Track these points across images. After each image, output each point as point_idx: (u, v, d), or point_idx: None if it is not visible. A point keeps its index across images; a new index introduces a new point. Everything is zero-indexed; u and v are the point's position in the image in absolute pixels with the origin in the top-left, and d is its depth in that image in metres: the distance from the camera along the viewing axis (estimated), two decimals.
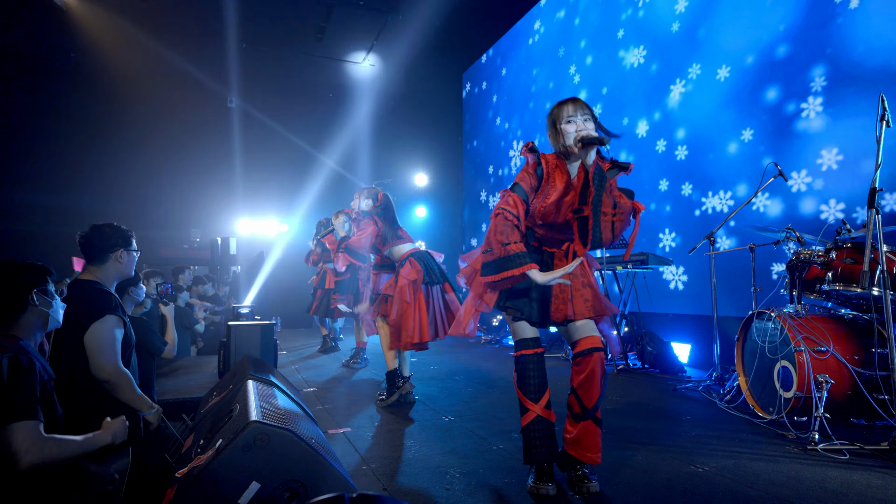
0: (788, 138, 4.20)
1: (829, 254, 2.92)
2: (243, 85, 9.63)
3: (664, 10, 5.48)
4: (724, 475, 2.07)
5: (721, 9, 4.86)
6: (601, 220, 1.78)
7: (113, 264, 2.18)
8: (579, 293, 1.97)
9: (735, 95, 4.66)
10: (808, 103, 4.05)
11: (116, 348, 2.04)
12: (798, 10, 4.18)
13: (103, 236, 2.16)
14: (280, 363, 4.93)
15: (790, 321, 2.81)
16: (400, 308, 3.24)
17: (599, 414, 1.93)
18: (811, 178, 4.01)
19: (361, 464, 2.22)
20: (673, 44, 5.35)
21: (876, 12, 3.66)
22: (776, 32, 4.33)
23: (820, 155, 3.95)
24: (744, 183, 4.54)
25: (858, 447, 2.33)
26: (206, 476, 1.28)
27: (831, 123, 3.91)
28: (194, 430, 1.97)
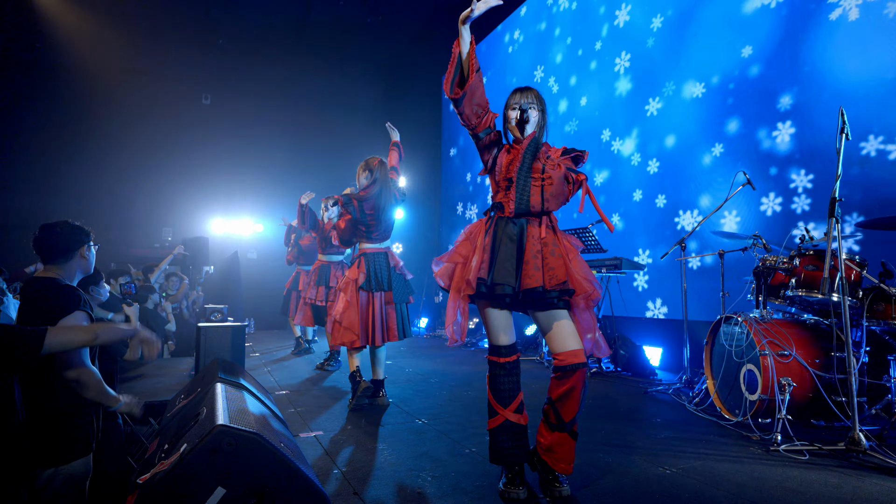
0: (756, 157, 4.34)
1: (793, 261, 3.01)
2: (218, 82, 9.46)
3: (642, 22, 5.61)
4: (692, 476, 2.11)
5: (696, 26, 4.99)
6: (530, 184, 1.91)
7: (78, 261, 2.13)
8: (548, 262, 1.91)
9: (706, 112, 4.78)
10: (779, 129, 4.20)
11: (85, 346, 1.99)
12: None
13: (65, 234, 2.10)
14: (252, 365, 4.85)
15: (756, 326, 2.89)
16: (342, 305, 3.28)
17: (576, 427, 1.94)
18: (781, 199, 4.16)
19: (332, 468, 2.19)
20: (651, 58, 5.47)
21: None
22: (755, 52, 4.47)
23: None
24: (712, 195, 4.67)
25: (818, 447, 2.41)
26: (168, 482, 1.25)
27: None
28: (159, 435, 1.92)
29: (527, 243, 1.92)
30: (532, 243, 1.92)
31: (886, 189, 3.47)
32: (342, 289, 3.35)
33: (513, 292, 1.89)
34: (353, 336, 3.24)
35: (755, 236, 3.38)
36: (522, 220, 1.95)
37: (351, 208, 3.32)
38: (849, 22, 3.75)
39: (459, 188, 9.43)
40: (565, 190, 1.92)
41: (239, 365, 2.92)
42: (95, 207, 8.16)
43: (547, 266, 1.89)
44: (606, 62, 6.05)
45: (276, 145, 9.71)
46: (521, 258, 1.91)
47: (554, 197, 1.91)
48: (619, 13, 5.89)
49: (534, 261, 1.89)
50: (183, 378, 3.64)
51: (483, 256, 1.94)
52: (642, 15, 5.59)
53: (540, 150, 1.95)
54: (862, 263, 2.83)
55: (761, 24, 4.36)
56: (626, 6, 5.80)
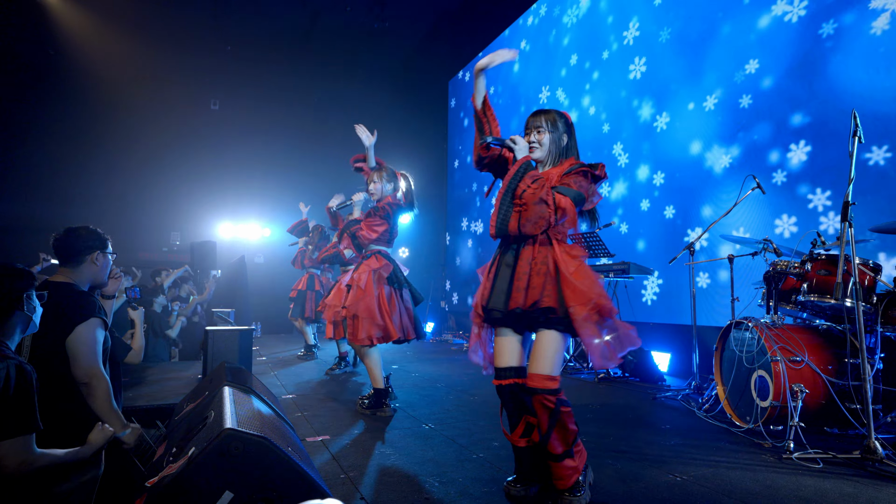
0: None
1: (805, 265, 2.98)
2: (227, 88, 9.54)
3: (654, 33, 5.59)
4: (702, 484, 2.08)
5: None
6: (511, 210, 1.91)
7: (89, 266, 2.15)
8: (532, 282, 1.89)
9: (719, 124, 4.76)
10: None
11: (98, 350, 2.01)
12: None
13: (80, 238, 2.13)
14: (259, 369, 4.85)
15: (767, 331, 2.85)
16: (355, 296, 3.19)
17: (568, 452, 1.84)
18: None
19: (339, 472, 2.18)
20: (656, 76, 5.46)
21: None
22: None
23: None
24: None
25: (831, 456, 2.37)
26: (176, 485, 1.25)
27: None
28: (167, 438, 1.92)
29: (518, 266, 1.94)
30: (522, 265, 1.93)
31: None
32: (361, 284, 3.21)
33: (501, 315, 1.91)
34: (382, 330, 3.17)
35: (765, 240, 3.35)
36: (519, 244, 1.97)
37: (392, 215, 3.42)
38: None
39: (464, 197, 9.42)
40: (544, 214, 1.85)
41: (246, 369, 2.92)
42: (105, 211, 8.23)
43: (530, 286, 1.88)
44: (621, 72, 6.04)
45: (283, 150, 9.77)
46: (512, 281, 1.93)
47: (531, 222, 1.87)
48: (628, 33, 5.89)
49: (518, 283, 1.91)
50: (189, 382, 3.65)
51: (486, 284, 2.01)
52: (651, 30, 5.58)
53: (528, 174, 1.90)
54: (876, 268, 2.79)
55: (775, 39, 4.34)
56: (634, 23, 5.78)
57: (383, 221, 3.39)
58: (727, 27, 4.72)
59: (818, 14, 4.03)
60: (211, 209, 9.37)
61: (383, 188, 3.46)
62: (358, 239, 3.39)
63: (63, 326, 1.95)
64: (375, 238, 3.39)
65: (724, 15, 4.76)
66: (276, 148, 9.73)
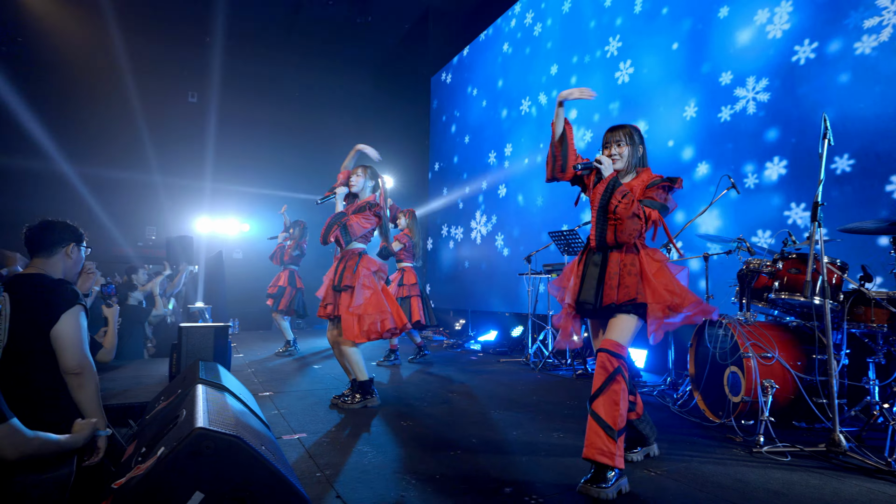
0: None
1: (776, 264, 3.05)
2: (205, 80, 9.35)
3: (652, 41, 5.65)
4: (675, 479, 2.12)
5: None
6: (607, 224, 2.19)
7: (62, 259, 2.10)
8: (627, 279, 2.16)
9: (697, 133, 4.83)
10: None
11: (86, 339, 1.97)
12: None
13: (55, 230, 2.10)
14: (237, 367, 4.78)
15: (739, 328, 2.92)
16: (361, 297, 3.26)
17: (611, 431, 1.97)
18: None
19: (315, 470, 2.16)
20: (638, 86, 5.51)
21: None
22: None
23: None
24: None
25: (799, 449, 2.44)
26: (144, 487, 1.22)
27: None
28: (137, 437, 1.88)
29: (608, 268, 2.21)
30: (612, 267, 2.21)
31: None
32: (365, 282, 3.36)
33: (592, 308, 2.21)
34: (397, 322, 3.42)
35: (739, 239, 3.42)
36: (606, 249, 2.24)
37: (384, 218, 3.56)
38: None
39: (443, 199, 9.40)
40: (637, 226, 2.13)
41: (222, 366, 2.88)
42: (77, 205, 8.02)
43: (622, 285, 2.16)
44: (602, 75, 6.08)
45: (263, 144, 9.63)
46: (602, 280, 2.21)
47: (626, 234, 2.14)
48: (609, 47, 5.94)
49: (610, 281, 2.19)
50: (163, 380, 3.58)
51: (576, 282, 2.31)
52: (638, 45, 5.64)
53: (617, 190, 2.16)
54: (843, 267, 2.87)
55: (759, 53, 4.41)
56: (616, 39, 5.82)
57: (376, 217, 3.43)
58: (711, 37, 4.79)
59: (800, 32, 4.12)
60: (188, 203, 9.19)
61: (364, 183, 3.49)
62: (349, 229, 3.36)
63: (45, 316, 1.88)
64: (364, 233, 3.41)
65: (703, 26, 4.82)
66: (256, 142, 9.59)
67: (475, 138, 8.54)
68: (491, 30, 8.35)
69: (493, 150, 7.97)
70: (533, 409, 3.32)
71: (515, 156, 7.42)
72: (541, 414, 3.20)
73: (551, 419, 3.08)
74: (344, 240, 3.39)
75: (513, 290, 7.09)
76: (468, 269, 8.41)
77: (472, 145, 8.64)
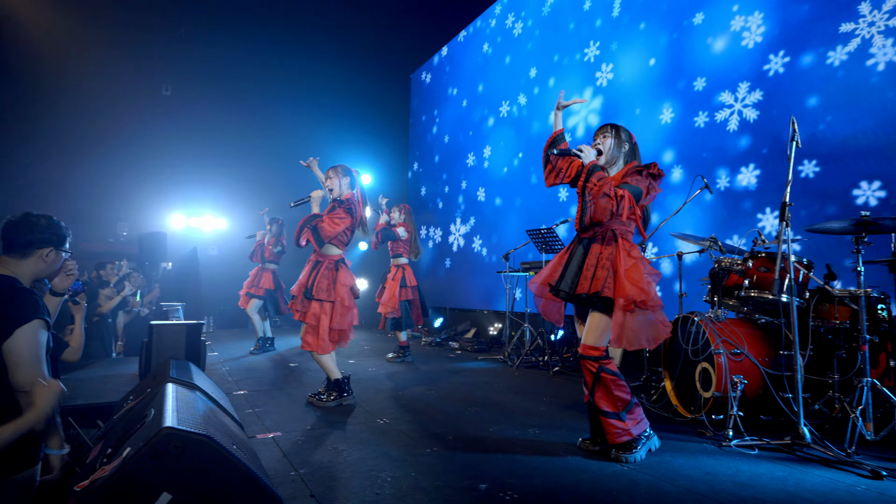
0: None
1: (747, 262, 3.12)
2: (180, 72, 9.13)
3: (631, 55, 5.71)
4: (647, 473, 2.16)
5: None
6: (586, 205, 2.33)
7: (36, 262, 1.92)
8: (599, 272, 2.33)
9: (672, 137, 4.92)
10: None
11: (42, 355, 1.81)
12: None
13: (36, 228, 1.90)
14: (211, 365, 4.70)
15: (711, 325, 2.98)
16: (341, 314, 3.25)
17: (617, 414, 2.32)
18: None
19: (289, 469, 2.14)
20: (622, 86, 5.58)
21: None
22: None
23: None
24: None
25: (766, 442, 2.51)
26: (108, 489, 1.19)
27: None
28: (103, 438, 1.82)
29: (587, 259, 2.38)
30: (591, 258, 2.37)
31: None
32: (340, 300, 3.34)
33: (566, 297, 2.42)
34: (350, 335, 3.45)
35: (711, 239, 3.49)
36: (590, 240, 2.42)
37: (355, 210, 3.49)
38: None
39: (422, 199, 9.37)
40: (608, 205, 2.26)
41: (194, 365, 2.82)
42: (45, 199, 7.75)
43: (595, 277, 2.32)
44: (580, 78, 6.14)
45: (239, 139, 9.45)
46: (580, 270, 2.38)
47: (599, 212, 2.29)
48: (589, 50, 6.00)
49: (586, 272, 2.35)
50: (132, 379, 3.49)
51: (557, 268, 2.51)
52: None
53: (594, 174, 2.31)
54: (809, 266, 2.96)
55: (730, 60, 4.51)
56: (594, 43, 5.88)
57: (346, 216, 3.33)
58: (686, 46, 4.87)
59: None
60: (162, 199, 8.96)
61: (340, 183, 3.42)
62: (320, 232, 3.28)
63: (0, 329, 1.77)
64: (337, 234, 3.32)
65: (679, 36, 4.90)
66: (232, 136, 9.39)
67: (455, 139, 8.54)
68: (471, 29, 8.35)
69: (472, 151, 7.98)
70: (509, 407, 3.35)
71: (494, 157, 7.45)
72: (517, 411, 3.23)
73: (528, 416, 3.10)
74: (316, 242, 3.32)
75: (491, 288, 7.12)
76: (447, 268, 8.41)
77: (451, 145, 8.64)
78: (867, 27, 3.61)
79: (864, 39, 3.62)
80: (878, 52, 3.55)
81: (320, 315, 3.23)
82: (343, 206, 3.35)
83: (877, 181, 3.51)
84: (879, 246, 3.23)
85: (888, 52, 3.49)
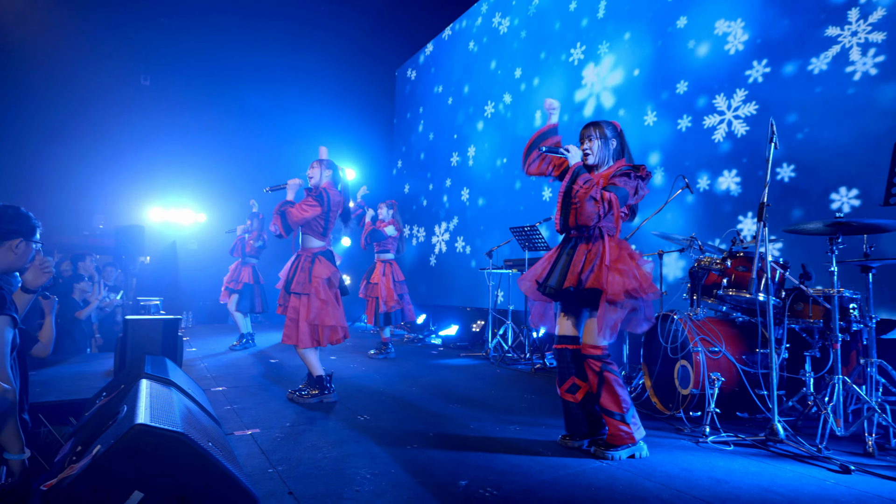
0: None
1: (725, 262, 3.17)
2: (159, 63, 8.93)
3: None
4: (626, 469, 2.18)
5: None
6: (569, 207, 2.37)
7: (6, 253, 1.87)
8: (584, 268, 2.37)
9: (655, 140, 4.97)
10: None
11: (6, 352, 1.76)
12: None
13: (4, 217, 1.86)
14: (189, 361, 4.62)
15: (690, 323, 3.02)
16: (317, 307, 3.20)
17: (622, 416, 2.32)
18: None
19: (267, 467, 2.11)
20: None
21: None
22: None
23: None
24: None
25: (741, 438, 2.56)
26: (76, 488, 1.15)
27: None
28: (74, 436, 1.78)
29: (575, 256, 2.41)
30: (579, 255, 2.41)
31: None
32: (314, 291, 3.26)
33: (554, 292, 2.43)
34: (340, 334, 3.39)
35: (691, 238, 3.54)
36: (577, 240, 2.45)
37: (327, 200, 3.39)
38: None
39: (405, 197, 9.33)
40: (594, 209, 2.30)
41: (170, 360, 2.77)
42: (17, 190, 7.52)
43: (583, 270, 2.36)
44: (567, 78, 6.16)
45: (220, 131, 9.28)
46: (568, 267, 2.41)
47: (585, 216, 2.32)
48: (574, 51, 6.02)
49: (574, 268, 2.39)
50: (108, 375, 3.41)
51: (546, 266, 2.53)
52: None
53: (580, 176, 2.36)
54: (785, 265, 3.02)
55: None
56: (580, 45, 5.90)
57: (316, 203, 3.28)
58: (667, 51, 4.91)
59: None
60: (140, 191, 8.77)
61: (321, 174, 3.40)
62: (287, 217, 3.23)
63: None
64: (307, 221, 3.27)
65: (664, 42, 4.94)
66: (214, 129, 9.22)
67: (440, 136, 8.51)
68: (457, 26, 8.32)
69: (456, 149, 7.97)
70: (491, 403, 3.35)
71: (479, 154, 7.44)
72: (498, 408, 3.24)
73: (509, 413, 3.11)
74: (283, 228, 3.24)
75: (474, 286, 7.13)
76: (430, 265, 8.40)
77: (436, 143, 8.61)
78: (850, 36, 3.68)
79: (845, 48, 3.68)
80: (857, 61, 3.61)
81: (299, 308, 3.22)
82: (313, 193, 3.33)
83: (854, 188, 3.57)
84: (854, 247, 3.31)
85: (867, 63, 3.55)
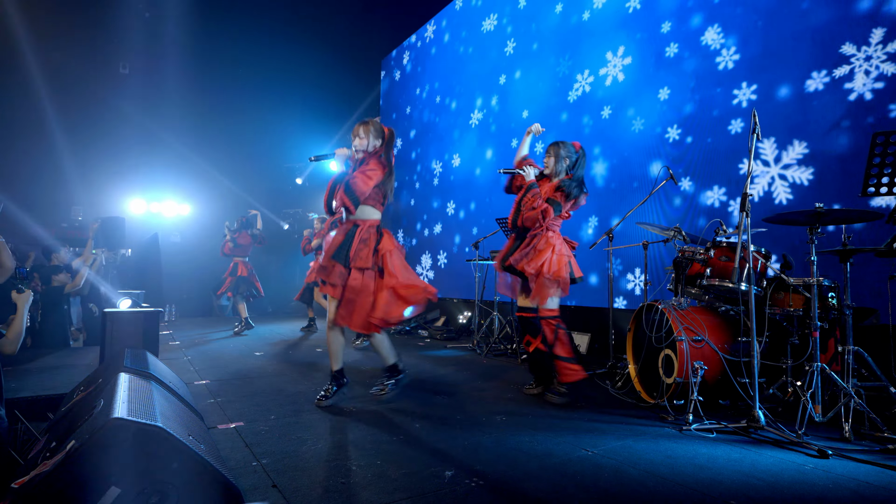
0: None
1: (708, 252, 3.20)
2: (138, 50, 8.71)
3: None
4: (611, 457, 2.20)
5: None
6: (519, 212, 3.27)
7: None
8: (521, 252, 3.20)
9: (640, 144, 4.98)
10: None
11: None
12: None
13: None
14: (172, 355, 4.55)
15: (674, 313, 3.05)
16: (402, 274, 2.90)
17: (571, 359, 3.16)
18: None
19: (251, 460, 2.09)
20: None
21: None
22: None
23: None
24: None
25: (723, 426, 2.59)
26: (48, 485, 1.12)
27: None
28: (49, 431, 1.73)
29: (522, 244, 3.22)
30: (526, 242, 3.20)
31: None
32: (394, 262, 2.96)
33: (507, 267, 3.29)
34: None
35: (676, 229, 3.56)
36: (526, 232, 3.25)
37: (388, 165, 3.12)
38: None
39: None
40: (535, 216, 3.14)
41: (151, 354, 2.72)
42: None
43: (524, 256, 3.16)
44: (554, 79, 6.13)
45: (202, 120, 9.11)
46: (514, 251, 3.25)
47: (528, 221, 3.19)
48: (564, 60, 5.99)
49: (519, 252, 3.20)
50: (88, 369, 3.34)
51: (503, 252, 3.35)
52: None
53: (530, 191, 3.21)
54: (767, 255, 3.06)
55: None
56: (567, 56, 5.86)
57: (378, 166, 2.90)
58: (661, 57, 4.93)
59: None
60: (120, 182, 8.59)
61: (370, 143, 2.98)
62: (353, 188, 2.82)
63: None
64: (371, 190, 2.89)
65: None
66: (195, 118, 9.05)
67: (425, 134, 8.45)
68: (443, 21, 8.24)
69: (443, 148, 7.92)
70: (477, 394, 3.36)
71: (465, 156, 7.41)
72: (484, 398, 3.24)
73: (495, 403, 3.12)
74: (352, 202, 2.85)
75: (461, 277, 7.13)
76: (416, 258, 8.38)
77: (422, 140, 8.55)
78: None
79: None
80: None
81: (360, 287, 2.83)
82: (374, 155, 2.94)
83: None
84: (832, 237, 3.36)
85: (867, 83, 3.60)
